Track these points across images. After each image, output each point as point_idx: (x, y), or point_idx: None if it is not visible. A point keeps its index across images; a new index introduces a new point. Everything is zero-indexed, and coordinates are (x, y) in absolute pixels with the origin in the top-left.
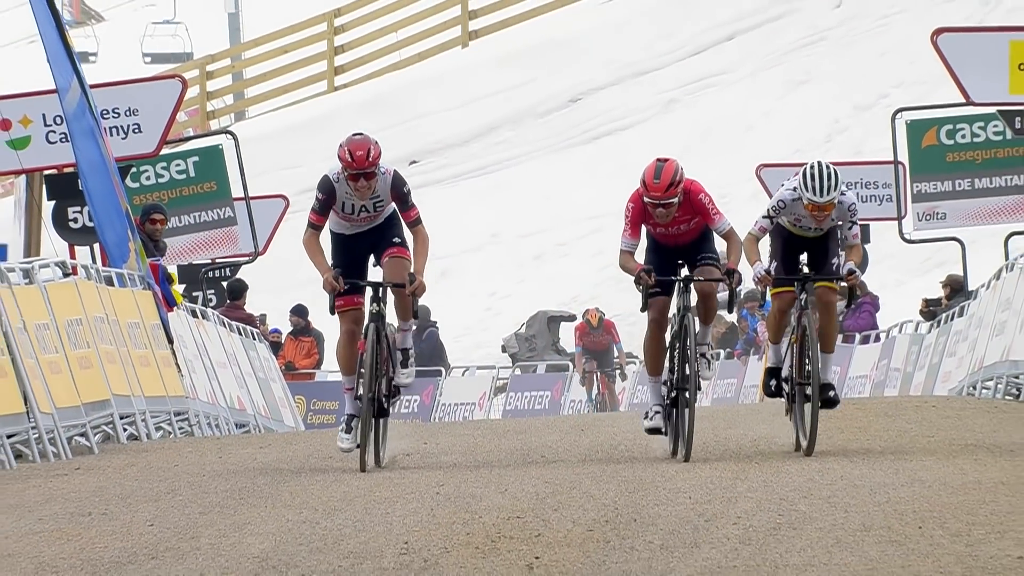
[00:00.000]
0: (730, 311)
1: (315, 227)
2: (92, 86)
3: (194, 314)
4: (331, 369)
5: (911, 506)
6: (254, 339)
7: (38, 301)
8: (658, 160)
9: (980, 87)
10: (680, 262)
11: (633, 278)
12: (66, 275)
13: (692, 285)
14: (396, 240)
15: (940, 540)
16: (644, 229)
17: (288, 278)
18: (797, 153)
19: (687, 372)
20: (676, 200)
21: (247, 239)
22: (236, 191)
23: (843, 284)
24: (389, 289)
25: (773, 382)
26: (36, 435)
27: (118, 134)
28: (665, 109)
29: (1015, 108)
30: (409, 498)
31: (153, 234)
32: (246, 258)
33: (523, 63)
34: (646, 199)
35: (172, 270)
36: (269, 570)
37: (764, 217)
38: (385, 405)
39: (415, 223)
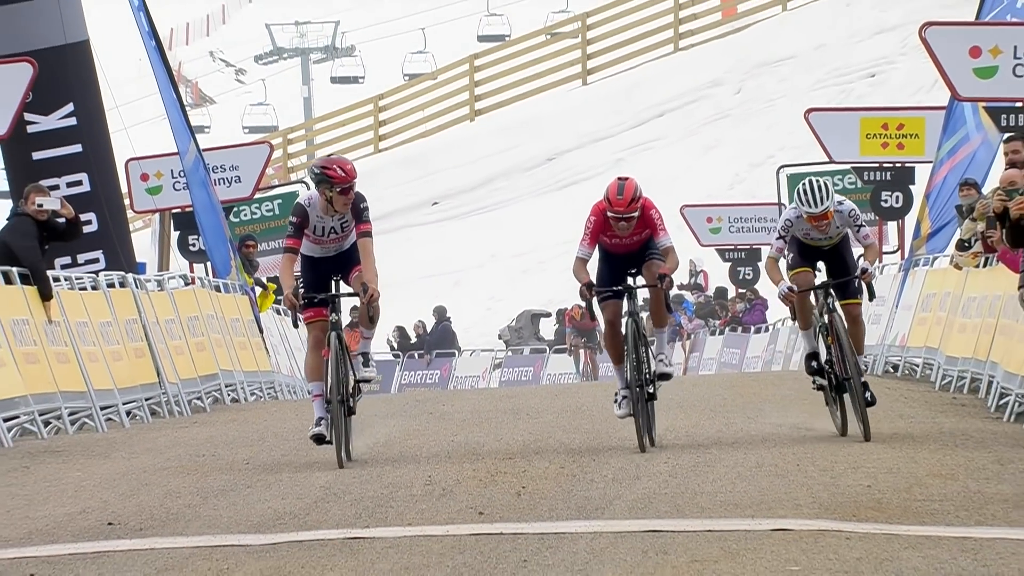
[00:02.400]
0: (660, 324)
1: (290, 250)
2: (205, 149)
3: (278, 312)
4: (379, 350)
5: (791, 449)
6: None
7: (167, 303)
8: (619, 179)
9: (838, 149)
10: (631, 271)
11: (578, 290)
12: (187, 284)
13: (643, 291)
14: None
15: (812, 474)
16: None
17: None
18: (709, 197)
19: (645, 370)
20: (636, 214)
21: None
22: None
23: (861, 283)
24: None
25: (814, 363)
26: (166, 398)
27: (223, 183)
28: (615, 165)
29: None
30: (431, 445)
31: (248, 256)
32: None
33: (514, 132)
34: (610, 214)
35: (265, 280)
36: (330, 496)
37: (777, 239)
38: (351, 404)
39: (365, 235)
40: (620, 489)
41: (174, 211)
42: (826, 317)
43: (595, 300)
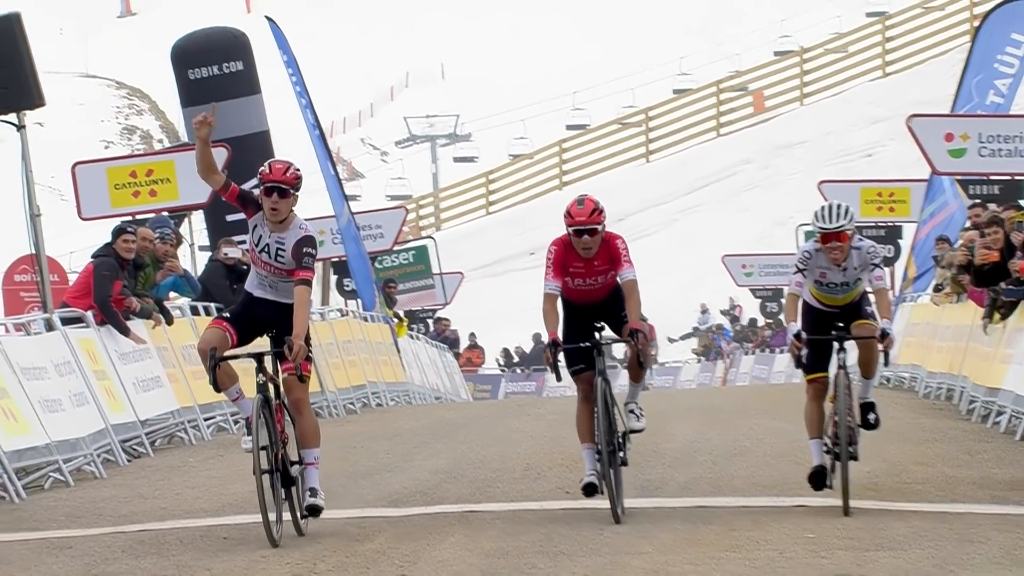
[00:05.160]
0: (637, 378)
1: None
2: (356, 212)
3: (412, 337)
4: (490, 367)
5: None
6: (445, 349)
7: (328, 330)
8: (577, 197)
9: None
10: (598, 324)
11: (545, 343)
12: (342, 316)
13: (626, 345)
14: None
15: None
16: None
17: (472, 314)
18: (743, 248)
19: (613, 431)
20: (600, 228)
21: (440, 296)
22: (434, 270)
23: (879, 347)
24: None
25: (820, 481)
26: (326, 403)
27: (370, 238)
28: (670, 224)
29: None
30: (529, 441)
31: (389, 294)
32: (440, 306)
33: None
34: (571, 230)
35: (401, 314)
36: (450, 478)
37: (795, 273)
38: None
39: (301, 283)
40: (673, 472)
41: (333, 260)
42: (832, 371)
43: (562, 359)
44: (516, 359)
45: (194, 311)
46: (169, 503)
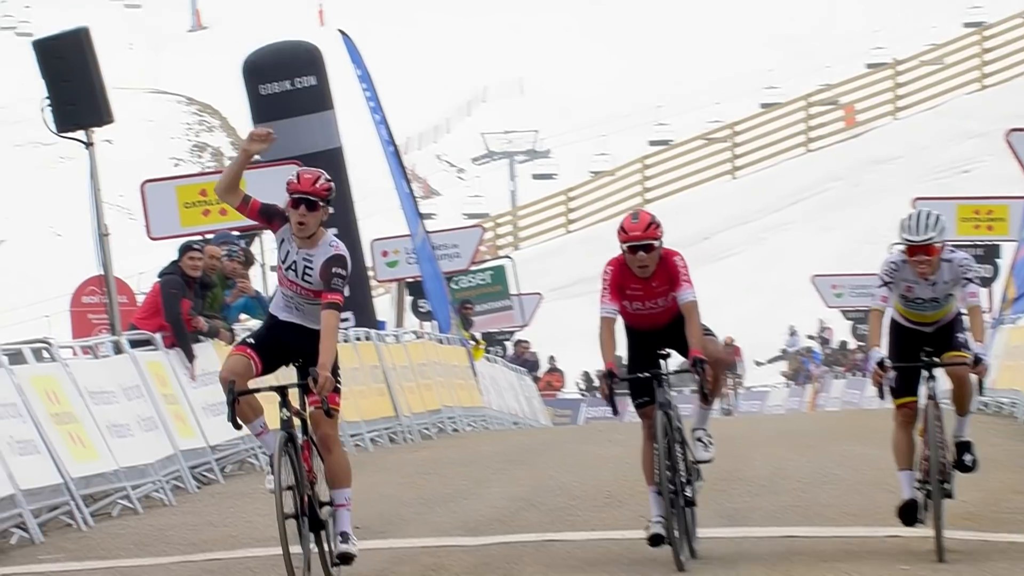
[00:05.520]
0: (707, 402)
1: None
2: (431, 231)
3: (489, 360)
4: (570, 391)
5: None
6: (524, 372)
7: (402, 352)
8: (631, 211)
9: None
10: (663, 351)
11: (601, 374)
12: (417, 338)
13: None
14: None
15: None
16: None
17: (551, 336)
18: (832, 268)
19: (682, 470)
20: (656, 243)
21: (519, 317)
22: (512, 290)
23: (973, 376)
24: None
25: (911, 516)
26: (401, 428)
27: (446, 258)
28: (758, 243)
29: None
30: (609, 467)
31: (466, 316)
32: (518, 328)
33: (675, 216)
34: (625, 246)
35: (478, 336)
36: (528, 506)
37: (880, 286)
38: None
39: (330, 306)
40: (759, 500)
41: (408, 280)
42: (922, 400)
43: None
44: (597, 383)
45: None
46: (239, 531)
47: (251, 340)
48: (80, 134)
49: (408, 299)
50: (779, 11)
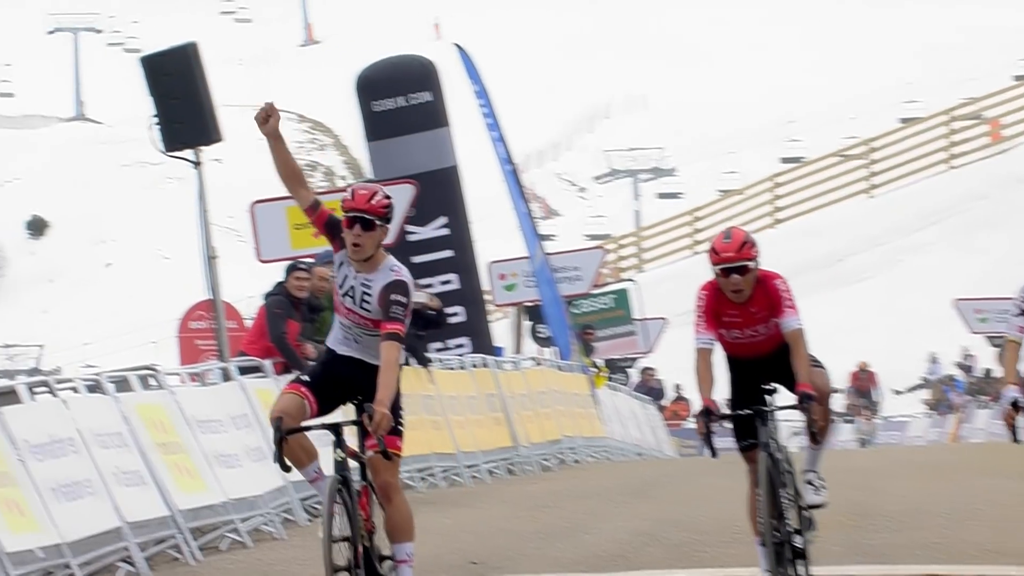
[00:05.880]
0: (816, 442)
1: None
2: (550, 253)
3: (612, 388)
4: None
5: None
6: (648, 401)
7: (520, 380)
8: (723, 230)
9: None
10: (769, 386)
11: (698, 412)
12: (537, 365)
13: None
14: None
15: None
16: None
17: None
18: (975, 292)
19: (791, 518)
20: (751, 264)
21: (642, 343)
22: (635, 315)
23: None
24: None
25: None
26: (519, 459)
27: (566, 281)
28: (895, 265)
29: None
30: (738, 501)
31: (587, 342)
32: (641, 354)
33: (808, 237)
34: (717, 268)
35: (600, 363)
36: (652, 541)
37: (1017, 314)
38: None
39: (390, 337)
40: (899, 536)
41: (526, 304)
42: None
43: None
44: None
45: None
46: None
47: (306, 377)
48: (188, 153)
49: (527, 324)
50: (921, 21)
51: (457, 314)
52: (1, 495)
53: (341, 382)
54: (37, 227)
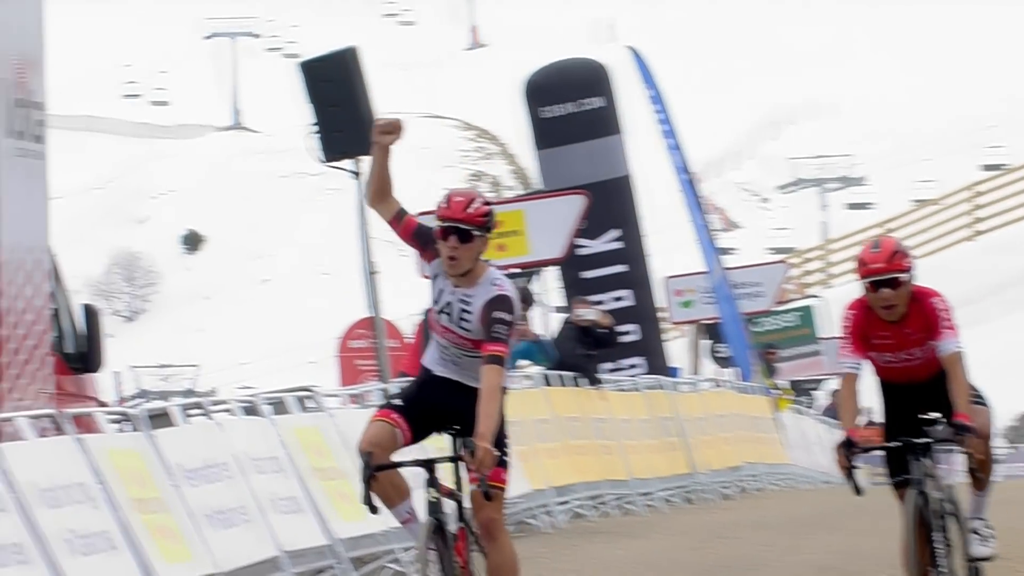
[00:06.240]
0: (980, 487)
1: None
2: (730, 268)
3: (797, 411)
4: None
5: None
6: (835, 425)
7: (698, 403)
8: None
9: None
10: (928, 416)
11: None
12: (716, 386)
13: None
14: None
15: None
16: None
17: (870, 388)
18: None
19: (948, 567)
20: (904, 277)
21: (828, 363)
22: (821, 334)
23: None
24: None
25: None
26: (696, 487)
27: (747, 297)
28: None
29: None
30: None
31: (769, 362)
32: (828, 376)
33: (1013, 251)
34: (865, 282)
35: (784, 384)
36: (827, 570)
37: None
38: None
39: (493, 360)
40: None
41: (704, 322)
42: None
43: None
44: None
45: (547, 381)
46: None
47: (398, 401)
48: (348, 163)
49: (705, 343)
50: None
51: (630, 332)
52: (154, 522)
53: (437, 407)
54: (193, 242)
